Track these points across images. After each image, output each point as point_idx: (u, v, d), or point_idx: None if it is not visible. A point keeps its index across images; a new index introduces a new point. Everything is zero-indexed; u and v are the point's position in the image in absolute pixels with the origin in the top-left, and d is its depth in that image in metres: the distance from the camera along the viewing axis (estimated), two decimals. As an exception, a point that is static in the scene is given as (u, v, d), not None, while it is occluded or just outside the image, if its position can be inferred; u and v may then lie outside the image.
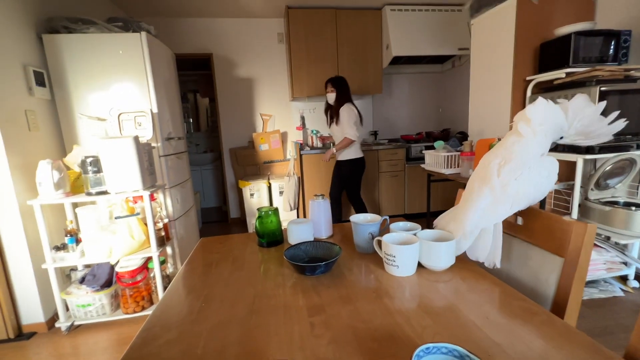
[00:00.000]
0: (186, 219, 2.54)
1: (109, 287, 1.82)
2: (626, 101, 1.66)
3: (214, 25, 3.43)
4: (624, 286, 1.91)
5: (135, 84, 2.04)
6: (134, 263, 1.78)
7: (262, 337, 0.57)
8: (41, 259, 1.72)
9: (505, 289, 0.68)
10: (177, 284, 0.80)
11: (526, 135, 0.70)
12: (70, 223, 1.77)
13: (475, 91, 2.51)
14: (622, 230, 1.68)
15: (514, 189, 0.71)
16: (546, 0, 2.03)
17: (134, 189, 1.68)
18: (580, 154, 1.73)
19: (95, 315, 1.79)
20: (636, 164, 1.78)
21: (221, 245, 1.04)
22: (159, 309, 0.68)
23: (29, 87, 1.80)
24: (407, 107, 3.95)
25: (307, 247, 0.89)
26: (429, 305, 0.64)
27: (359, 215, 0.96)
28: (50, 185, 1.62)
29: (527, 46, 2.06)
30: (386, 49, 3.32)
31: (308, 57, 3.28)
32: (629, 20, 1.89)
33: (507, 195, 0.71)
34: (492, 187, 0.72)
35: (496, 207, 0.72)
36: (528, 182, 0.70)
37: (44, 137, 1.90)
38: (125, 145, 1.62)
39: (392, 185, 3.39)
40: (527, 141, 0.70)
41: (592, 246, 0.63)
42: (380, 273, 0.79)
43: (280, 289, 0.73)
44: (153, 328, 0.61)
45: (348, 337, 0.55)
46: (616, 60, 1.83)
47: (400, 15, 3.26)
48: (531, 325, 0.56)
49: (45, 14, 1.97)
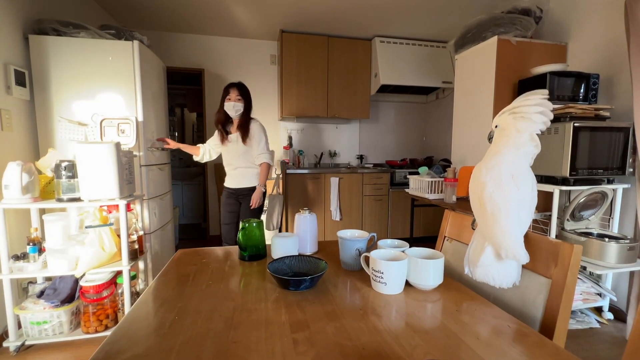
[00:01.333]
0: (162, 234, 2.42)
1: (70, 303, 1.67)
2: (597, 138, 1.77)
3: (209, 42, 3.48)
4: (599, 318, 1.93)
5: (122, 91, 2.00)
6: (101, 277, 1.65)
7: (240, 353, 0.52)
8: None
9: (494, 310, 0.67)
10: (149, 296, 0.74)
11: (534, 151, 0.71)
12: (34, 231, 1.65)
13: (458, 121, 2.62)
14: (596, 261, 1.73)
15: (532, 197, 0.72)
16: (523, 42, 2.20)
17: (109, 197, 1.60)
18: (557, 185, 1.81)
19: (50, 334, 1.63)
20: (607, 197, 1.87)
21: (199, 258, 0.99)
22: (126, 320, 0.62)
23: (7, 85, 1.72)
24: (392, 133, 4.06)
25: (292, 261, 0.86)
26: (418, 324, 0.61)
27: (347, 231, 0.94)
28: (17, 189, 1.51)
29: (507, 82, 2.19)
30: (374, 77, 3.46)
31: (299, 80, 3.35)
32: (596, 64, 2.07)
33: (530, 206, 0.72)
34: (516, 199, 0.71)
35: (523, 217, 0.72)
36: (534, 188, 0.73)
37: (18, 138, 1.80)
38: (105, 150, 1.56)
39: (375, 209, 3.40)
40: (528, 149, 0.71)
41: (578, 267, 0.64)
42: (367, 290, 0.76)
43: (262, 303, 0.69)
44: (118, 341, 0.55)
45: (334, 355, 0.52)
46: (587, 100, 1.97)
47: (389, 47, 3.43)
48: (522, 347, 0.54)
49: (36, 15, 1.93)
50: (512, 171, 0.71)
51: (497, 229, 0.71)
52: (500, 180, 0.71)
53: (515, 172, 0.71)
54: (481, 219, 0.76)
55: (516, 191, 0.70)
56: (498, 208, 0.71)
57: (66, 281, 1.72)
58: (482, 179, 0.74)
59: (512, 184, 0.70)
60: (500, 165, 0.72)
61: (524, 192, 0.70)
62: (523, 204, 0.71)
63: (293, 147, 3.66)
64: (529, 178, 0.72)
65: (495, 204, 0.71)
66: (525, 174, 0.71)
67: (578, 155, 1.74)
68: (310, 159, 3.76)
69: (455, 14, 2.91)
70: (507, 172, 0.71)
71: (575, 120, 1.74)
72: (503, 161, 0.72)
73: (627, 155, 1.79)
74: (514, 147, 0.71)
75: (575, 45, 2.20)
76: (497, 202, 0.71)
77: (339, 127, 3.86)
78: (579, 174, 1.76)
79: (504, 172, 0.71)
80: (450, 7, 2.78)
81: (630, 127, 1.77)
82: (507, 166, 0.71)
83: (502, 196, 0.71)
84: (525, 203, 0.71)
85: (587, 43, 2.13)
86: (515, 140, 0.71)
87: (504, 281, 0.73)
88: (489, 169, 0.73)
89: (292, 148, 3.62)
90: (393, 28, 3.25)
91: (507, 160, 0.72)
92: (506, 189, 0.70)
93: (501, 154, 0.73)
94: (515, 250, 0.69)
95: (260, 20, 3.06)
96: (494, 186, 0.72)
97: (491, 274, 0.73)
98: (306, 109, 3.40)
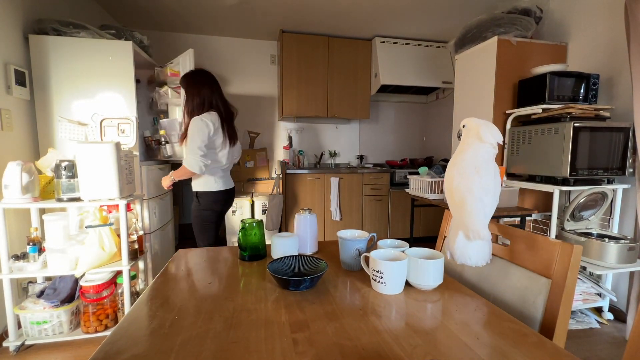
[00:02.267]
0: (162, 234, 2.42)
1: (70, 303, 1.67)
2: (597, 138, 1.77)
3: (209, 42, 3.48)
4: (599, 318, 1.93)
5: (122, 91, 2.00)
6: (101, 277, 1.65)
7: (240, 353, 0.52)
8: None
9: (494, 310, 0.67)
10: (149, 296, 0.73)
11: (489, 141, 0.80)
12: (34, 230, 1.65)
13: (458, 122, 2.62)
14: (596, 261, 1.73)
15: (495, 183, 0.80)
16: (523, 42, 2.20)
17: (110, 197, 1.60)
18: (557, 185, 1.81)
19: (50, 334, 1.63)
20: (607, 198, 1.87)
21: (200, 258, 0.99)
22: (126, 320, 0.62)
23: (8, 85, 1.72)
24: (392, 133, 4.06)
25: (292, 261, 0.86)
26: (418, 325, 0.61)
27: (347, 231, 0.94)
28: (17, 189, 1.51)
29: (507, 82, 2.19)
30: (375, 77, 3.45)
31: (299, 80, 3.35)
32: (595, 64, 2.06)
33: (494, 191, 0.80)
34: (478, 185, 0.79)
35: (486, 200, 0.79)
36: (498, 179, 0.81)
37: (18, 137, 1.80)
38: (105, 150, 1.56)
39: (375, 209, 3.40)
40: (488, 147, 0.80)
41: (578, 267, 0.64)
42: (367, 290, 0.76)
43: (262, 304, 0.69)
44: (118, 341, 0.55)
45: (334, 355, 0.52)
46: (587, 100, 1.97)
47: (389, 47, 3.43)
48: (522, 347, 0.54)
49: (36, 15, 1.93)
50: (475, 163, 0.80)
51: (464, 214, 0.79)
52: (464, 172, 0.80)
53: (478, 164, 0.80)
54: (452, 208, 0.84)
55: (479, 180, 0.79)
56: (463, 196, 0.80)
57: (66, 281, 1.72)
58: (450, 172, 0.84)
59: (475, 174, 0.79)
60: (464, 160, 0.82)
61: (486, 180, 0.79)
62: (487, 190, 0.79)
63: (293, 147, 3.66)
64: (491, 168, 0.80)
65: (460, 192, 0.80)
66: (488, 164, 0.80)
67: (578, 155, 1.74)
68: (310, 159, 3.76)
69: (455, 14, 2.91)
70: (471, 164, 0.80)
71: (575, 121, 1.74)
72: (467, 156, 0.82)
73: (627, 156, 1.79)
74: (476, 143, 0.81)
75: (575, 45, 2.20)
76: (462, 191, 0.80)
77: (339, 127, 3.86)
78: (579, 174, 1.76)
79: (468, 165, 0.80)
80: (451, 7, 2.78)
81: (630, 127, 1.77)
82: (470, 160, 0.81)
83: (467, 185, 0.80)
84: (489, 189, 0.79)
85: (587, 43, 2.12)
86: (478, 139, 0.81)
87: (479, 260, 0.80)
88: (455, 164, 0.83)
89: (292, 148, 3.62)
90: (393, 28, 3.25)
91: (470, 155, 0.81)
92: (470, 179, 0.79)
93: (465, 150, 0.83)
94: (479, 231, 0.77)
95: (260, 20, 3.06)
96: (459, 178, 0.81)
97: (467, 255, 0.80)
98: (306, 109, 3.40)
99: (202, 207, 1.78)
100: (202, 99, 1.70)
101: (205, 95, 1.70)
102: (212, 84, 1.75)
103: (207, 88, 1.71)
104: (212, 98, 1.72)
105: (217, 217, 1.84)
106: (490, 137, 0.79)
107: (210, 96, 1.71)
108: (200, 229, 1.81)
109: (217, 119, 1.69)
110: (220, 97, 1.77)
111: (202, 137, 1.63)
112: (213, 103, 1.72)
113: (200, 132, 1.62)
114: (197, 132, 1.62)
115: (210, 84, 1.73)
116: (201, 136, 1.62)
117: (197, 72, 1.77)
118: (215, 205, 1.80)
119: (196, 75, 1.74)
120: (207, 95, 1.71)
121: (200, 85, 1.70)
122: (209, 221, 1.81)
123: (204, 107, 1.70)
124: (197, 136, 1.62)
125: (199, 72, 1.77)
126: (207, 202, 1.78)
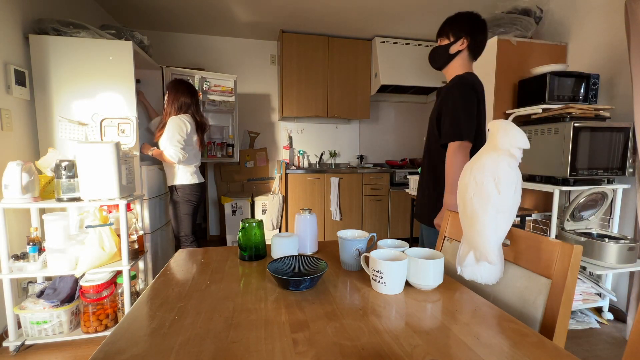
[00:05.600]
0: (162, 234, 2.42)
1: (70, 303, 1.67)
2: (597, 138, 1.77)
3: (209, 42, 3.48)
4: (599, 318, 1.93)
5: (122, 91, 2.00)
6: (101, 277, 1.65)
7: (240, 353, 0.52)
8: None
9: (495, 310, 0.67)
10: (149, 295, 0.73)
11: (505, 148, 0.73)
12: (34, 230, 1.65)
13: (458, 121, 2.62)
14: (596, 261, 1.73)
15: (513, 202, 0.73)
16: (524, 42, 2.20)
17: (110, 197, 1.60)
18: (557, 185, 1.81)
19: (50, 333, 1.63)
20: (607, 198, 1.87)
21: (200, 258, 0.99)
22: (126, 320, 0.62)
23: (7, 85, 1.72)
24: (392, 133, 4.06)
25: (292, 261, 0.86)
26: (418, 325, 0.61)
27: (346, 231, 0.94)
28: (17, 189, 1.51)
29: (507, 82, 2.19)
30: (375, 77, 3.46)
31: (299, 80, 3.35)
32: (596, 64, 2.06)
33: (510, 210, 0.74)
34: (494, 204, 0.72)
35: (501, 221, 0.74)
36: (518, 193, 0.74)
37: (18, 137, 1.80)
38: (105, 150, 1.56)
39: (375, 209, 3.40)
40: (507, 156, 0.73)
41: (578, 267, 0.64)
42: (367, 290, 0.76)
43: (262, 304, 0.69)
44: (118, 341, 0.55)
45: (334, 355, 0.52)
46: (587, 100, 1.97)
47: (389, 47, 3.43)
48: (522, 347, 0.54)
49: (36, 15, 1.93)
50: (495, 174, 0.72)
51: (474, 233, 0.75)
52: (482, 184, 0.73)
53: (498, 175, 0.72)
54: (463, 218, 0.80)
55: (496, 195, 0.72)
56: (477, 213, 0.74)
57: (66, 281, 1.72)
58: (466, 180, 0.77)
59: (494, 189, 0.72)
60: (484, 167, 0.74)
61: (504, 197, 0.72)
62: (502, 209, 0.72)
63: (293, 147, 3.66)
64: (513, 182, 0.72)
65: (474, 208, 0.75)
66: (509, 178, 0.72)
67: (578, 155, 1.74)
68: (310, 159, 3.76)
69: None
70: (490, 175, 0.73)
71: (575, 121, 1.74)
72: (486, 163, 0.74)
73: (627, 156, 1.79)
74: (495, 151, 0.74)
75: (575, 46, 2.20)
76: (475, 207, 0.74)
77: (339, 127, 3.86)
78: (579, 174, 1.76)
79: (486, 175, 0.73)
80: (451, 7, 2.78)
81: (630, 128, 1.77)
82: (490, 169, 0.73)
83: (481, 201, 0.73)
84: (505, 207, 0.72)
85: (587, 43, 2.13)
86: (494, 147, 0.75)
87: (490, 279, 0.77)
88: (473, 170, 0.77)
89: (292, 148, 3.62)
90: (393, 28, 3.25)
91: (489, 163, 0.74)
92: (485, 193, 0.73)
93: (483, 157, 0.76)
94: (487, 255, 0.73)
95: (260, 20, 3.06)
96: (474, 189, 0.74)
97: (479, 273, 0.77)
98: (306, 109, 3.40)
99: (181, 198, 2.05)
100: (180, 103, 2.02)
101: (184, 101, 2.03)
102: (192, 95, 2.06)
103: (187, 97, 2.03)
104: (189, 105, 2.04)
105: (193, 208, 2.10)
106: (507, 144, 0.71)
107: (189, 103, 2.04)
108: (181, 221, 2.09)
109: (192, 122, 2.02)
110: (196, 108, 2.09)
111: (181, 132, 1.95)
112: (189, 110, 2.05)
113: (179, 128, 1.95)
114: (176, 128, 1.94)
115: (189, 94, 2.05)
116: (180, 132, 1.94)
117: (182, 81, 2.07)
118: (193, 197, 2.07)
119: (180, 84, 2.04)
120: (185, 102, 2.03)
121: (180, 93, 2.02)
122: (188, 212, 2.08)
123: (181, 110, 2.02)
124: (177, 132, 1.93)
125: (183, 82, 2.07)
126: (184, 194, 2.04)
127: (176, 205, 2.07)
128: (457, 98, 1.16)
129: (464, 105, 1.15)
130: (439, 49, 1.28)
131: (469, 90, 1.17)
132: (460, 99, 1.16)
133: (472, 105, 1.17)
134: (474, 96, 1.18)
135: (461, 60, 1.24)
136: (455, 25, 1.23)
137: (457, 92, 1.17)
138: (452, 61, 1.25)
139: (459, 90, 1.17)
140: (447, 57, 1.25)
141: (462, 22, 1.22)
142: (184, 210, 2.07)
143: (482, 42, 1.23)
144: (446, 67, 1.28)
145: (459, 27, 1.22)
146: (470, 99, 1.17)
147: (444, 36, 1.26)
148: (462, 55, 1.23)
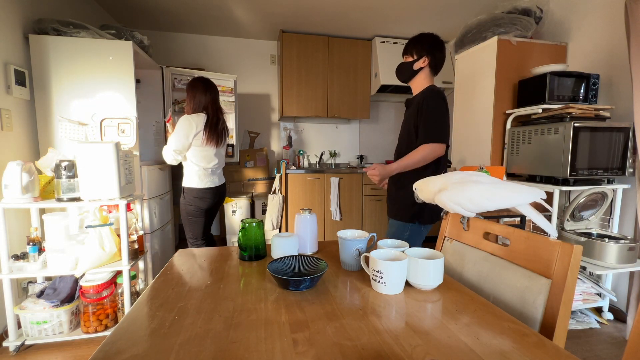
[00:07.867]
0: (162, 234, 2.42)
1: (70, 303, 1.67)
2: (597, 138, 1.77)
3: (209, 42, 3.48)
4: (599, 318, 1.93)
5: (122, 91, 2.00)
6: (101, 277, 1.65)
7: (240, 353, 0.52)
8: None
9: (494, 310, 0.67)
10: (149, 295, 0.73)
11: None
12: (34, 230, 1.65)
13: (458, 122, 2.62)
14: (596, 261, 1.73)
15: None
16: (523, 42, 2.20)
17: (110, 197, 1.60)
18: (557, 185, 1.81)
19: (50, 333, 1.63)
20: (607, 198, 1.87)
21: (200, 257, 0.99)
22: (125, 320, 0.62)
23: (7, 85, 1.72)
24: (392, 133, 4.06)
25: (292, 261, 0.86)
26: (418, 325, 0.61)
27: (346, 231, 0.94)
28: (17, 189, 1.51)
29: (507, 82, 2.19)
30: (375, 77, 3.45)
31: (299, 80, 3.35)
32: (596, 64, 2.06)
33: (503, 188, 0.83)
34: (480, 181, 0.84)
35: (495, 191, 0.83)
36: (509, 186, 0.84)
37: (18, 137, 1.80)
38: (105, 150, 1.56)
39: (375, 209, 3.40)
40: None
41: (578, 267, 0.64)
42: (367, 290, 0.76)
43: (262, 304, 0.69)
44: (118, 341, 0.55)
45: (334, 355, 0.52)
46: (587, 100, 1.97)
47: (389, 47, 3.43)
48: (522, 347, 0.54)
49: (36, 15, 1.93)
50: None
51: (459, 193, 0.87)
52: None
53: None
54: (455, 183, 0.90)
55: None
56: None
57: (66, 281, 1.72)
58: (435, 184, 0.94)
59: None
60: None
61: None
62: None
63: (293, 147, 3.66)
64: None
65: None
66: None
67: (578, 155, 1.74)
68: (310, 159, 3.76)
69: (455, 14, 2.91)
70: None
71: (575, 121, 1.74)
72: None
73: (627, 156, 1.79)
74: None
75: (575, 46, 2.20)
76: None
77: (339, 127, 3.86)
78: (579, 174, 1.76)
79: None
80: (450, 7, 2.78)
81: (630, 128, 1.77)
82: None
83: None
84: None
85: (587, 43, 2.13)
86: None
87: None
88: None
89: (292, 148, 3.62)
90: (393, 28, 3.25)
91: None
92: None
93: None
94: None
95: (260, 20, 3.06)
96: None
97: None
98: (306, 109, 3.40)
99: (186, 202, 1.95)
100: (196, 103, 1.92)
101: (200, 99, 1.92)
102: (207, 91, 1.95)
103: (202, 93, 1.93)
104: (205, 102, 1.93)
105: (203, 213, 1.99)
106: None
107: (205, 101, 1.93)
108: (186, 223, 1.99)
109: (203, 122, 1.88)
110: (212, 102, 1.96)
111: (183, 133, 1.84)
112: (204, 106, 1.93)
113: (183, 129, 1.84)
114: (180, 128, 1.84)
115: (204, 91, 1.94)
116: (182, 133, 1.83)
117: (199, 79, 1.97)
118: (199, 201, 1.95)
119: (197, 81, 1.95)
120: (201, 99, 1.93)
121: (196, 90, 1.92)
122: (194, 216, 1.97)
123: (197, 109, 1.92)
124: (179, 132, 1.84)
125: (200, 79, 1.97)
126: (190, 197, 1.94)
127: (182, 207, 1.98)
128: (437, 106, 1.33)
129: (443, 113, 1.33)
130: (405, 64, 1.44)
131: (443, 100, 1.35)
132: (440, 107, 1.33)
133: (447, 113, 1.35)
134: (446, 105, 1.35)
135: (424, 75, 1.41)
136: (418, 45, 1.40)
137: (434, 102, 1.33)
138: (416, 76, 1.42)
139: (434, 100, 1.33)
140: (411, 72, 1.42)
141: (424, 42, 1.39)
142: (189, 213, 1.96)
143: (440, 59, 1.41)
144: (411, 81, 1.45)
145: (421, 46, 1.39)
146: (446, 108, 1.34)
147: (408, 54, 1.43)
148: (425, 71, 1.41)
